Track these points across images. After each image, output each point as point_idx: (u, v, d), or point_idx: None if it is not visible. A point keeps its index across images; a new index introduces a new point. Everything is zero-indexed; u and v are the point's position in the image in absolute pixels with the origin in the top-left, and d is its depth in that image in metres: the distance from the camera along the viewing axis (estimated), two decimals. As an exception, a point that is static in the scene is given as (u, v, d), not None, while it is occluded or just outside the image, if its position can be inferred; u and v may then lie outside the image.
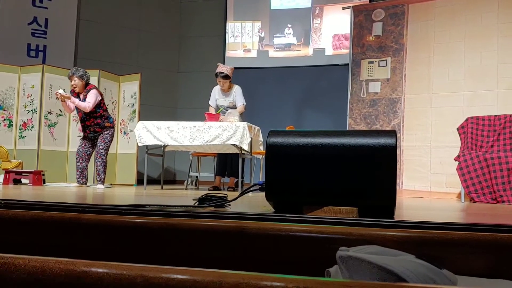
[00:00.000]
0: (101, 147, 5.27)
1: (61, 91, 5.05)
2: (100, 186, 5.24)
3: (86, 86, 5.27)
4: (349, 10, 6.10)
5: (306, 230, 1.31)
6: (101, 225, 1.32)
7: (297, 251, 1.28)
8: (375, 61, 5.70)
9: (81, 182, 5.30)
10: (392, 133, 2.05)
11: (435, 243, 1.19)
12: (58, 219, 1.40)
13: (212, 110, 5.68)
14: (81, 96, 5.23)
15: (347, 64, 6.12)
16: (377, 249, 0.95)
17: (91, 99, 5.14)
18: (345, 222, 1.59)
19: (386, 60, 5.64)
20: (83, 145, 5.30)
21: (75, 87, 5.19)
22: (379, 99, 5.61)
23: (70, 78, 5.20)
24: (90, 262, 0.87)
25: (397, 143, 2.05)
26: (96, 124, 5.26)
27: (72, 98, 5.09)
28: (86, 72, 5.29)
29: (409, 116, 5.43)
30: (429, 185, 5.22)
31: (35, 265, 0.88)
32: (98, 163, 5.27)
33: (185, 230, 1.32)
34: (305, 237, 1.30)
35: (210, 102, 5.79)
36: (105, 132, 5.30)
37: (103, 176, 5.29)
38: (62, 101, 5.11)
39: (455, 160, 4.58)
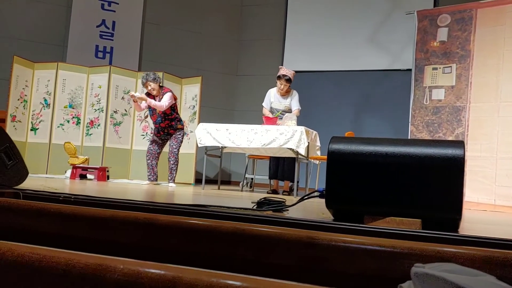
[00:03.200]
0: (174, 146, 5.46)
1: (137, 94, 5.35)
2: (172, 185, 5.41)
3: (161, 88, 5.47)
4: (412, 15, 5.94)
5: (377, 243, 1.29)
6: (175, 227, 1.36)
7: (366, 264, 1.27)
8: (439, 68, 5.51)
9: (152, 179, 5.51)
10: (461, 144, 1.98)
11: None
12: (132, 220, 1.46)
13: (265, 111, 5.69)
14: (157, 99, 5.40)
15: (409, 70, 5.96)
16: (454, 267, 0.92)
17: (167, 100, 5.33)
18: (410, 234, 1.55)
19: (451, 66, 5.45)
20: (153, 144, 5.51)
21: (153, 90, 5.37)
22: (442, 106, 5.43)
23: (145, 84, 5.37)
24: (183, 268, 0.90)
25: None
26: (170, 126, 5.46)
27: (148, 99, 5.31)
28: (155, 73, 5.48)
29: (474, 125, 5.20)
30: (494, 198, 4.98)
31: (131, 269, 0.91)
32: (171, 162, 5.45)
33: (252, 236, 1.35)
34: (374, 250, 1.28)
35: (264, 104, 5.78)
36: (177, 133, 5.50)
37: (174, 175, 5.48)
38: (134, 101, 5.36)
39: (524, 173, 4.35)
